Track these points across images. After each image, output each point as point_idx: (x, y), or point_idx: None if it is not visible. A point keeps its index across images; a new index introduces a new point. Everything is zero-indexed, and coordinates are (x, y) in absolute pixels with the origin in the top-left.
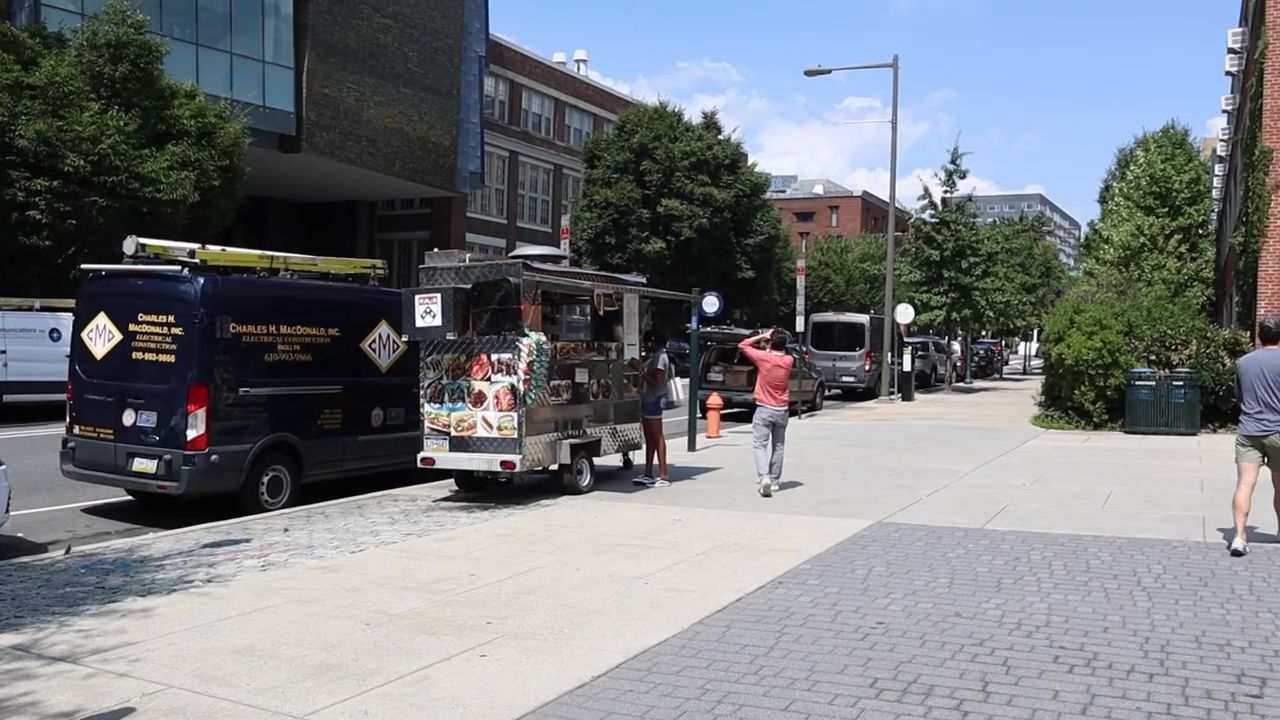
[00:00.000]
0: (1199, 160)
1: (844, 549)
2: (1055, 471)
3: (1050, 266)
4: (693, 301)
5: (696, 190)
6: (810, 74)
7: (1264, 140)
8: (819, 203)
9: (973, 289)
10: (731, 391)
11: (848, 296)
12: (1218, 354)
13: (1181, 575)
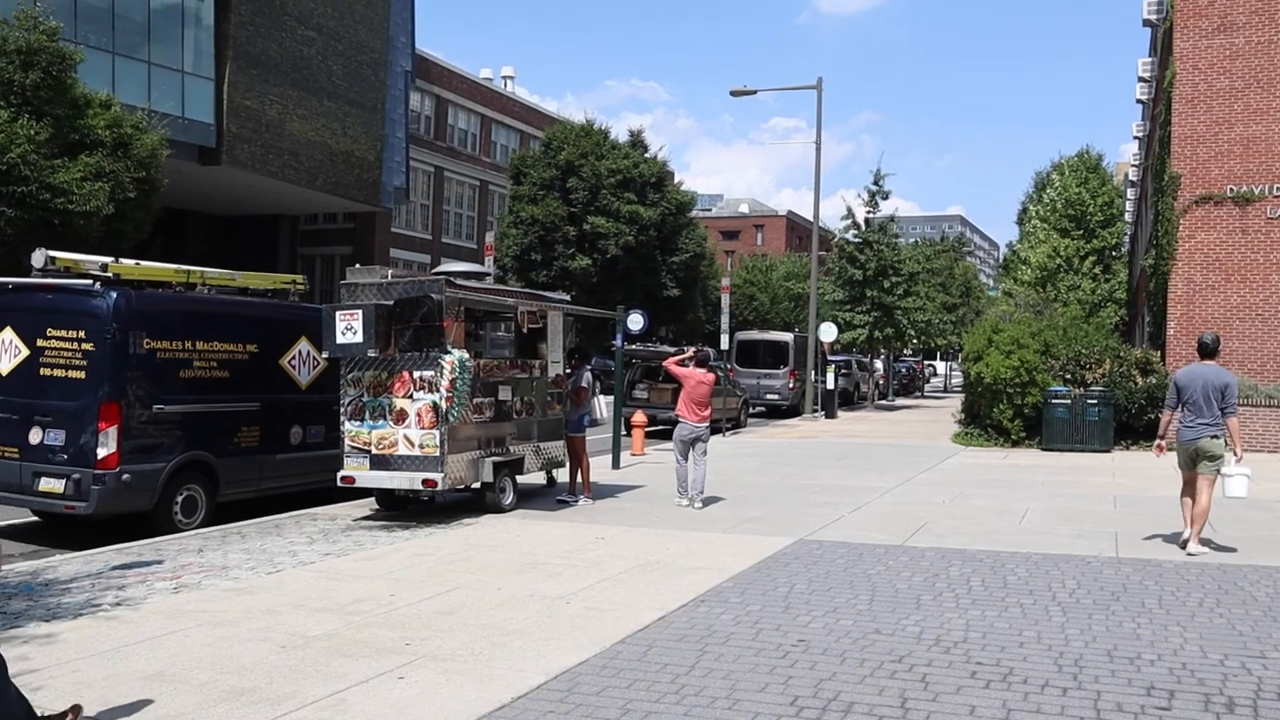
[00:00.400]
0: (1112, 184)
1: (766, 567)
2: (974, 488)
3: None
4: (617, 319)
5: (623, 208)
6: (736, 94)
7: (1173, 166)
8: (744, 221)
9: (895, 308)
10: (656, 409)
11: (773, 315)
12: (1130, 373)
13: (1095, 590)
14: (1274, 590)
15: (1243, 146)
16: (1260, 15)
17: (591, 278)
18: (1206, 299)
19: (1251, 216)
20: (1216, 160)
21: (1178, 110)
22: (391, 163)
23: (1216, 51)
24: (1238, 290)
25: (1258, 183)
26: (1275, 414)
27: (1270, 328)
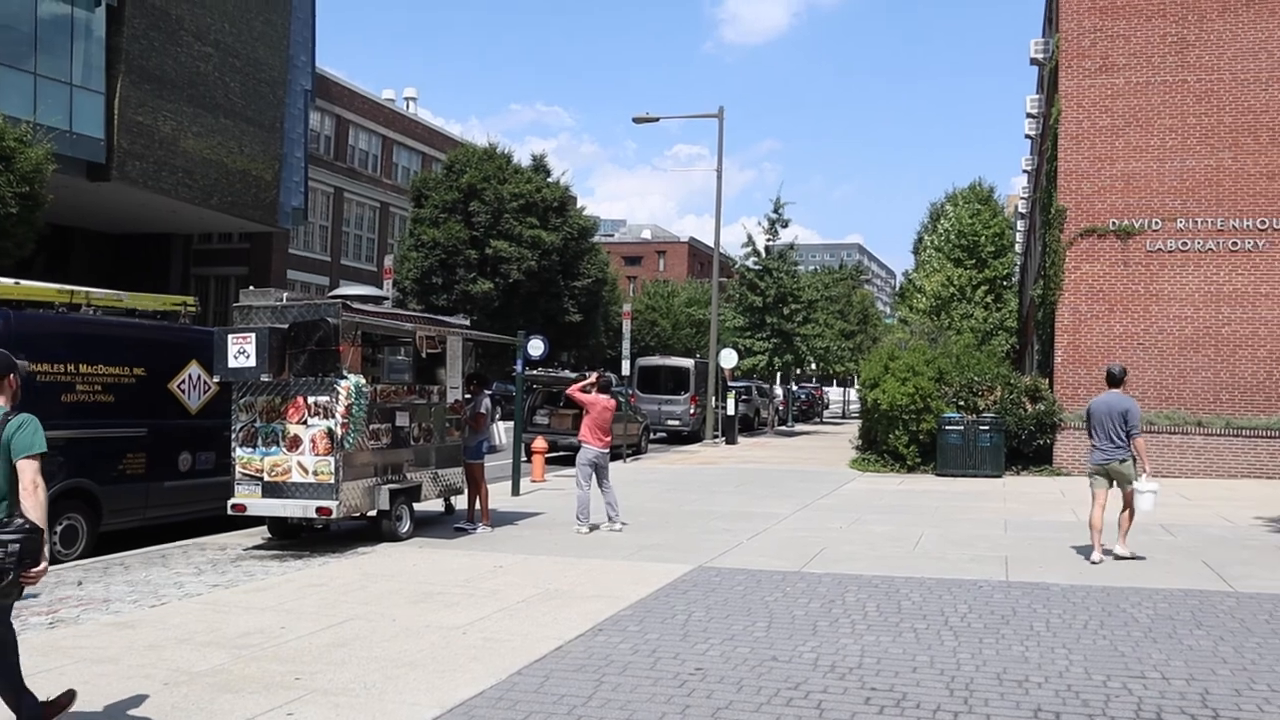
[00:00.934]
0: (1003, 216)
1: (665, 594)
2: (871, 514)
3: (868, 314)
4: (518, 344)
5: (525, 232)
6: (638, 121)
7: (1059, 200)
8: (647, 247)
9: (794, 335)
10: (557, 435)
11: (674, 340)
12: (1020, 399)
13: (985, 614)
14: (1154, 612)
15: (1124, 182)
16: (1139, 58)
17: (493, 302)
18: (1091, 328)
19: (1133, 249)
20: (1100, 195)
21: (1063, 146)
22: (290, 182)
23: (1099, 91)
24: (1120, 320)
25: (1138, 217)
26: (1154, 440)
27: (1150, 356)
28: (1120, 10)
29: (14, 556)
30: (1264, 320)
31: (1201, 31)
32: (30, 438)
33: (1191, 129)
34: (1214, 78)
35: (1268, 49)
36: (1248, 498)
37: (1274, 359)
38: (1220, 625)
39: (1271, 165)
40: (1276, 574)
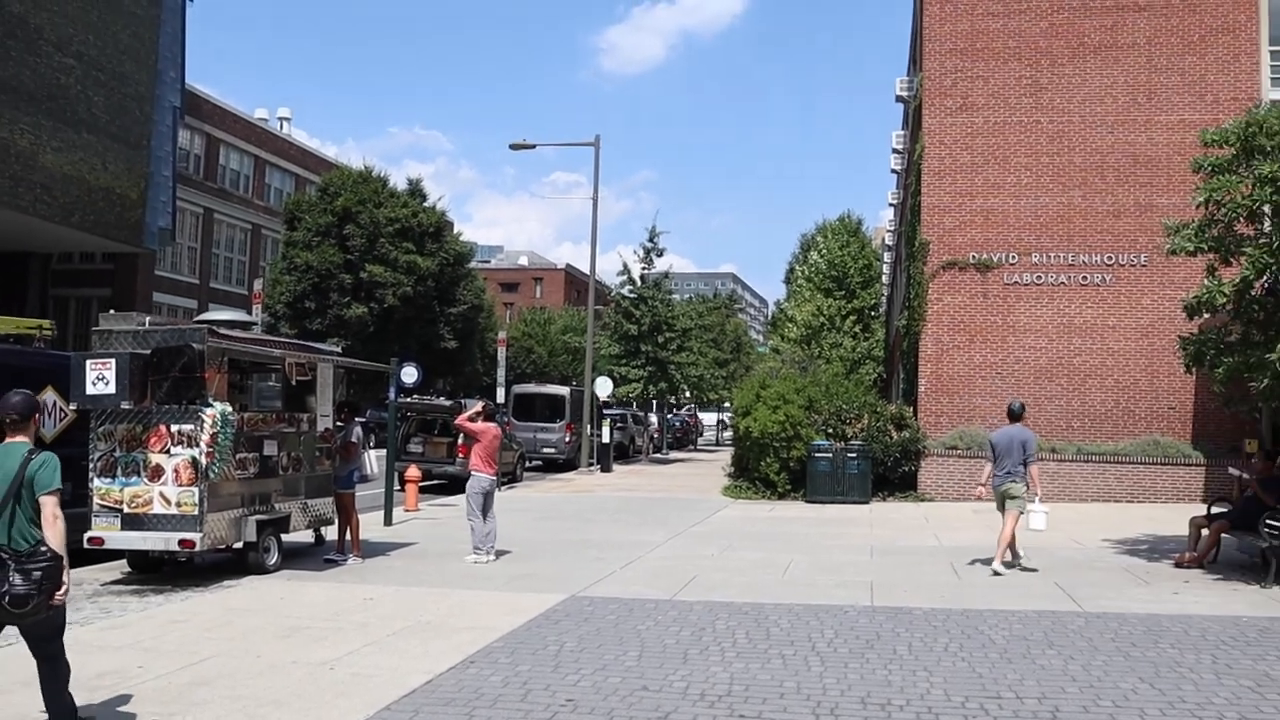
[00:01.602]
0: (871, 248)
1: (537, 625)
2: (742, 541)
3: (741, 342)
4: (391, 371)
5: (401, 257)
6: (515, 148)
7: (923, 233)
8: (524, 274)
9: (669, 363)
10: (431, 463)
11: (550, 368)
12: (886, 427)
13: (851, 639)
14: (1010, 633)
15: (983, 217)
16: (996, 98)
17: (368, 327)
18: (953, 357)
19: (991, 282)
20: (961, 229)
21: (926, 181)
22: (156, 202)
23: (960, 129)
24: (980, 350)
25: (996, 251)
26: None
27: (1008, 385)
28: (980, 53)
29: (37, 585)
30: (1111, 351)
31: (1054, 76)
32: (51, 475)
33: (1045, 168)
34: (1065, 119)
35: (1113, 94)
36: (1097, 521)
37: (1121, 388)
38: (1070, 645)
39: (1118, 204)
40: (1122, 594)
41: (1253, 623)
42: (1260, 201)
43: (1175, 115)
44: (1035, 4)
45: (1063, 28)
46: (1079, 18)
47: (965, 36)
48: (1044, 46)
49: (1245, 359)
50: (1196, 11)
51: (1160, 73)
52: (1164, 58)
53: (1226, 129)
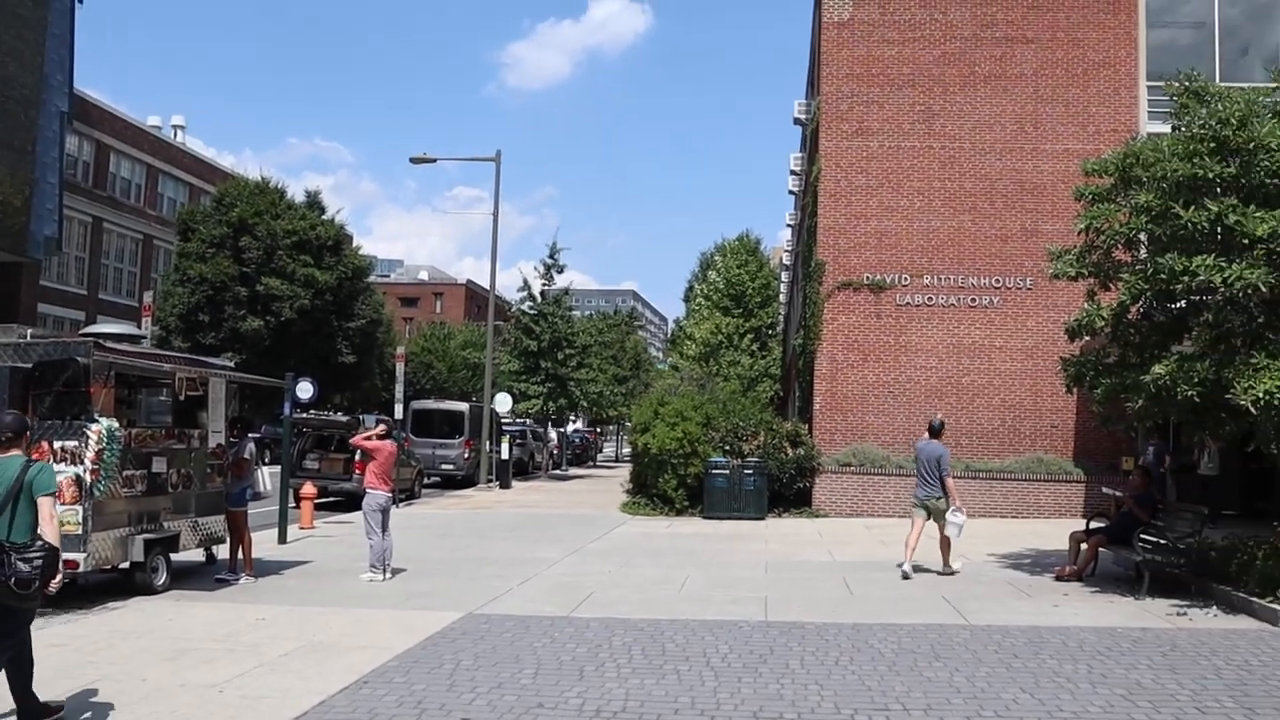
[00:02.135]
0: (769, 267)
1: (433, 643)
2: (639, 557)
3: (640, 359)
4: (286, 387)
5: (298, 270)
6: (415, 162)
7: (818, 254)
8: (424, 288)
9: (568, 379)
10: (328, 480)
11: (450, 384)
12: (782, 444)
13: (745, 654)
14: (898, 646)
15: (877, 239)
16: (890, 123)
17: (264, 341)
18: (848, 376)
19: (884, 302)
20: (855, 250)
21: (822, 203)
22: (42, 210)
23: (855, 153)
24: (873, 369)
25: (889, 272)
26: (904, 482)
27: (900, 403)
28: (875, 78)
29: (39, 571)
30: (999, 371)
31: (946, 103)
32: (49, 480)
33: (937, 192)
34: (956, 145)
35: (1001, 122)
36: (984, 536)
37: (1008, 407)
38: (956, 657)
39: (1005, 229)
40: (1005, 607)
41: (1126, 633)
42: (1136, 230)
43: (1060, 144)
44: (929, 33)
45: (955, 57)
46: (970, 48)
47: (861, 63)
48: (937, 74)
49: (1122, 380)
50: (1080, 46)
51: (1046, 103)
52: (1049, 89)
53: (1106, 160)
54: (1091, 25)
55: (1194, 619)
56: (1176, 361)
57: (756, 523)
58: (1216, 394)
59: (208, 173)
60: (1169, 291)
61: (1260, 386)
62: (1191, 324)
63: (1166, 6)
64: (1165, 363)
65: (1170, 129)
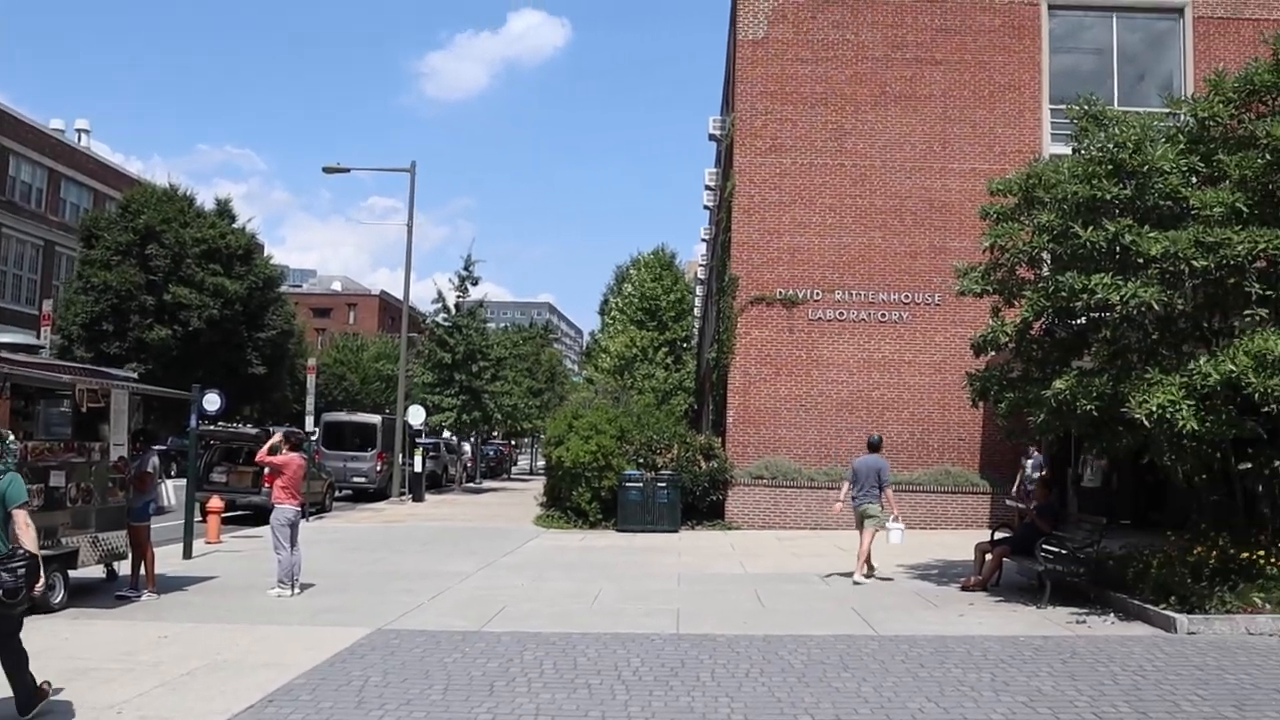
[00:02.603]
0: (684, 281)
1: (342, 660)
2: (553, 571)
3: (556, 372)
4: (192, 399)
5: (208, 279)
6: (328, 171)
7: (732, 269)
8: (337, 299)
9: (483, 392)
10: (236, 493)
11: (363, 395)
12: (695, 457)
13: (657, 667)
14: (808, 658)
15: (790, 254)
16: (804, 141)
17: (171, 351)
18: (760, 390)
19: (797, 317)
20: (768, 265)
21: (736, 219)
22: None
23: (769, 169)
24: (786, 383)
25: (801, 287)
26: (815, 494)
27: (812, 417)
28: (788, 96)
29: (23, 580)
30: (908, 385)
31: (857, 121)
32: (20, 490)
33: (848, 209)
34: (867, 163)
35: (910, 141)
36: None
37: (917, 420)
38: (864, 667)
39: (914, 245)
40: (913, 617)
41: (1029, 642)
42: (1038, 248)
43: (967, 164)
44: (841, 53)
45: (866, 76)
46: (881, 68)
47: (775, 80)
48: (849, 93)
49: (1024, 394)
50: (986, 69)
51: (954, 123)
52: (957, 110)
53: (1010, 180)
54: (998, 49)
55: (1092, 626)
56: (1076, 377)
57: (670, 535)
58: (1114, 408)
59: (113, 178)
60: (1069, 309)
61: (1153, 401)
62: (1091, 340)
63: (1069, 33)
64: (1066, 378)
65: (1071, 151)
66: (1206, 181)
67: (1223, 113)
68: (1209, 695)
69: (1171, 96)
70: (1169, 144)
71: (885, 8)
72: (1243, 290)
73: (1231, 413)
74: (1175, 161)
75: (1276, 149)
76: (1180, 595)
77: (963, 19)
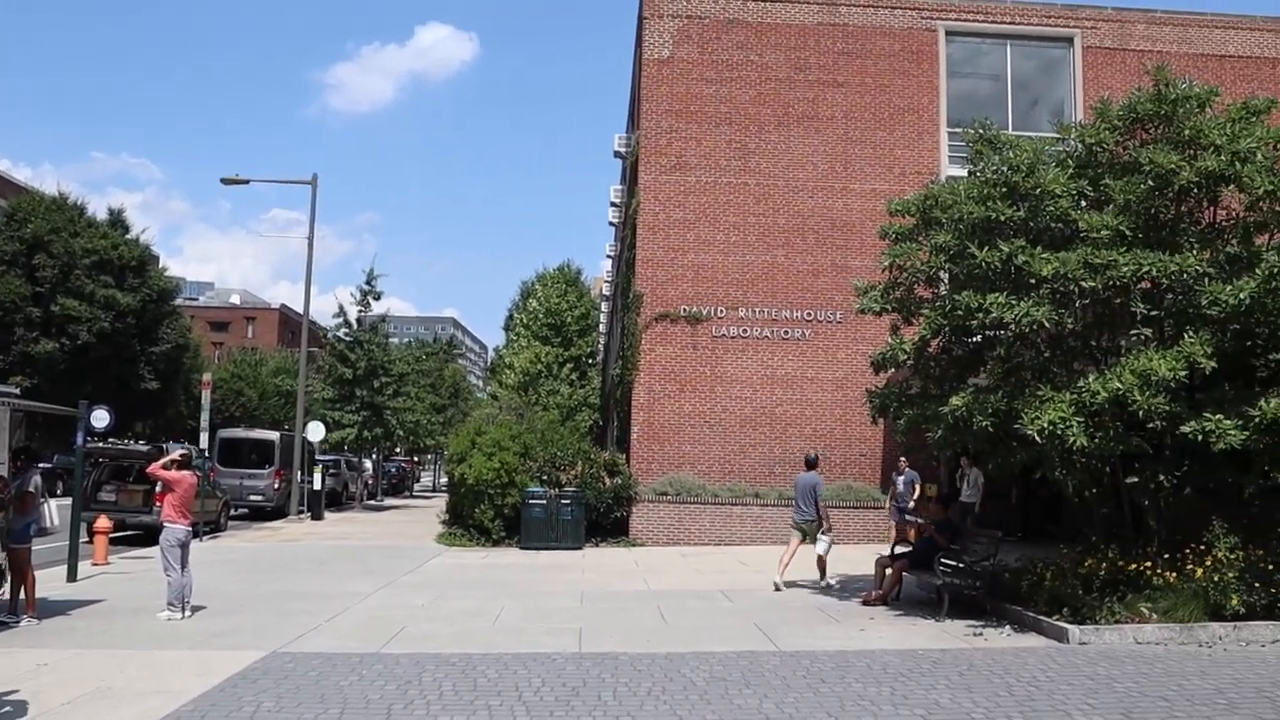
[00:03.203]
0: (589, 297)
1: (234, 685)
2: (454, 589)
3: (459, 388)
4: (79, 415)
5: (98, 291)
6: (226, 182)
7: (636, 285)
8: (235, 313)
9: (384, 408)
10: (125, 513)
11: (261, 411)
12: (599, 474)
13: (558, 686)
14: (710, 675)
15: (694, 272)
16: (708, 160)
17: (59, 365)
18: (664, 406)
19: (701, 334)
20: (673, 282)
21: (641, 236)
22: None
23: (674, 187)
24: (690, 399)
25: (706, 304)
26: (719, 510)
27: (716, 433)
28: (693, 115)
29: None
30: (810, 402)
31: (761, 141)
32: None
33: (752, 227)
34: (771, 183)
35: (813, 161)
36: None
37: (818, 436)
38: (766, 683)
39: (816, 264)
40: (814, 632)
41: (927, 655)
42: (936, 267)
43: (867, 184)
44: (745, 74)
45: (770, 97)
46: (784, 89)
47: (680, 99)
48: (753, 114)
49: (923, 411)
50: (887, 92)
51: (855, 144)
52: (858, 131)
53: (908, 200)
54: (898, 73)
55: (989, 639)
56: (972, 394)
57: (574, 553)
58: (1008, 424)
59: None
60: (966, 327)
61: (1045, 418)
62: (986, 358)
63: (967, 58)
64: (962, 395)
65: (967, 173)
66: (1095, 205)
67: (1108, 139)
68: (1099, 704)
69: (1062, 123)
70: (1060, 168)
71: (788, 31)
72: (1128, 310)
73: (1119, 429)
74: (1065, 185)
75: (1158, 175)
76: (1072, 607)
77: (864, 43)
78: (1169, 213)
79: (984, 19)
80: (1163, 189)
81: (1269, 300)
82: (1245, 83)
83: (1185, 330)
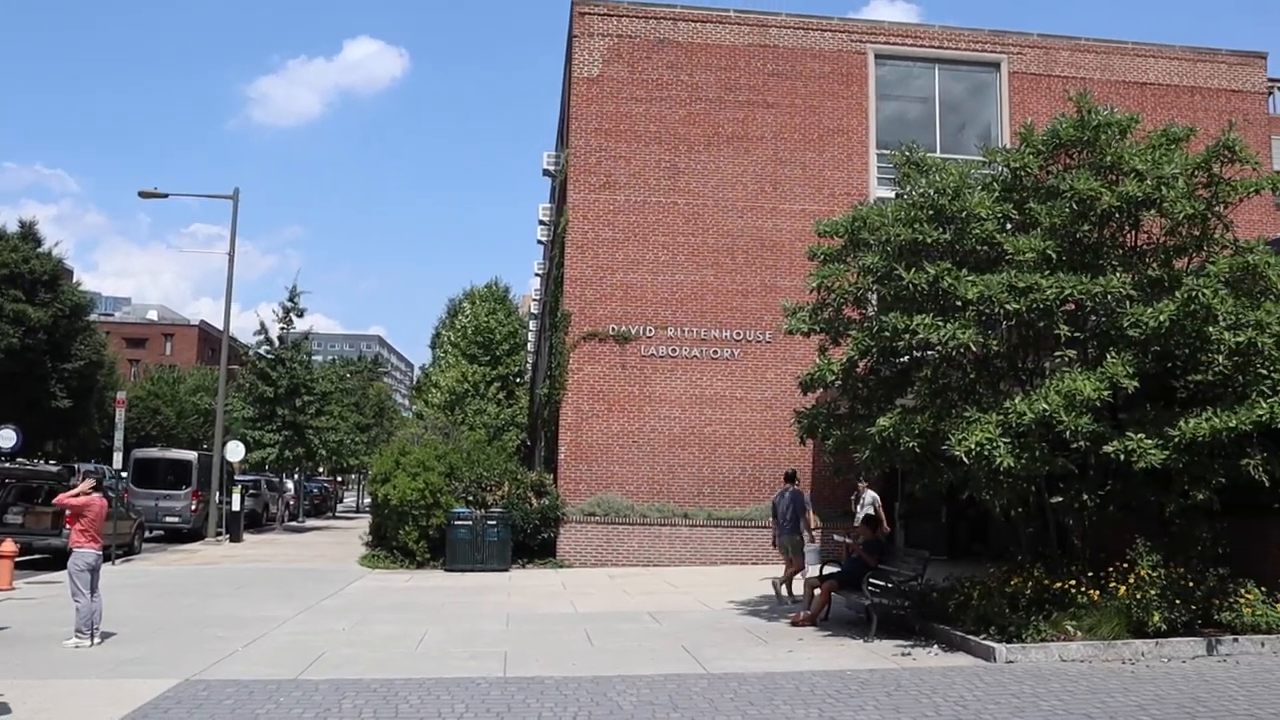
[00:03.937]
0: (518, 315)
1: (144, 714)
2: (377, 613)
3: (384, 407)
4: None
5: (7, 306)
6: (144, 196)
7: (565, 304)
8: (153, 329)
9: (306, 427)
10: (33, 535)
11: (179, 430)
12: (527, 495)
13: (482, 712)
14: (637, 699)
15: (623, 291)
16: (637, 179)
17: None
18: (593, 426)
19: (629, 353)
20: (601, 301)
21: (569, 254)
22: None
23: (602, 205)
24: (619, 419)
25: (634, 324)
26: (648, 531)
27: (644, 453)
28: (623, 134)
29: None
30: (739, 422)
31: (691, 161)
32: None
33: (681, 246)
34: (700, 202)
35: (742, 181)
36: (724, 583)
37: (748, 456)
38: (693, 707)
39: (745, 284)
40: (743, 654)
41: (855, 675)
42: (864, 289)
43: (797, 205)
44: (675, 93)
45: (700, 117)
46: (714, 109)
47: (610, 118)
48: (683, 133)
49: (850, 431)
50: (816, 113)
51: (785, 165)
52: (788, 151)
53: (836, 222)
54: (827, 94)
55: (917, 658)
56: (900, 414)
57: (500, 574)
58: (935, 445)
59: None
60: (893, 348)
61: (972, 438)
62: (914, 379)
63: (896, 81)
64: (890, 415)
65: (895, 195)
66: (1020, 228)
67: (1033, 164)
68: None
69: (988, 146)
70: (985, 191)
71: (718, 51)
72: (1053, 332)
73: (1045, 449)
74: (991, 208)
75: (1081, 200)
76: (999, 625)
77: (793, 64)
78: (1092, 236)
79: (913, 42)
80: (1086, 213)
81: (1188, 322)
82: (1164, 109)
83: (1108, 351)
